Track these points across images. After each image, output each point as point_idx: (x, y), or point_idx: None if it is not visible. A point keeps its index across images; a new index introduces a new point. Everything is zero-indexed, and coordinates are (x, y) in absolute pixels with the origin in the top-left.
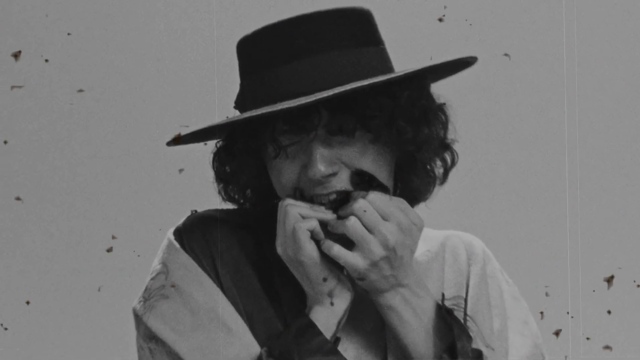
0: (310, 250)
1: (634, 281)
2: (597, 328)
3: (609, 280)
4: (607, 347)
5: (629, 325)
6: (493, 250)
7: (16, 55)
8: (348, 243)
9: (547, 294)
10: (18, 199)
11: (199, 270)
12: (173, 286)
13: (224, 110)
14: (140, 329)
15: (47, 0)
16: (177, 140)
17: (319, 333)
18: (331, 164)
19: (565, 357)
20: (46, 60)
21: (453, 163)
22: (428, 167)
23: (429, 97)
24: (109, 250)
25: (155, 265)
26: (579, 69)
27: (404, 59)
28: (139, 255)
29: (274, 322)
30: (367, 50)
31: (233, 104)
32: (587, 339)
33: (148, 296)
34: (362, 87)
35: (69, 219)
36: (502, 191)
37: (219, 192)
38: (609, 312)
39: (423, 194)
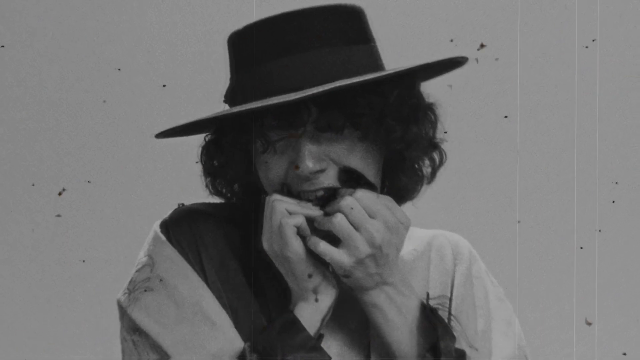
0: (296, 246)
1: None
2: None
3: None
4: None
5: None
6: (479, 251)
7: None
8: (334, 240)
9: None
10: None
11: (185, 263)
12: (160, 280)
13: (214, 104)
14: (124, 320)
15: None
16: (167, 133)
17: (303, 329)
18: (319, 160)
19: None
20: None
21: (441, 162)
22: (416, 166)
23: (419, 96)
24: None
25: (141, 257)
26: (569, 70)
27: (395, 57)
28: (126, 247)
29: (258, 317)
30: (358, 47)
31: (223, 98)
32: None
33: (133, 288)
34: (351, 85)
35: (55, 209)
36: (490, 191)
37: (207, 186)
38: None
39: (410, 192)
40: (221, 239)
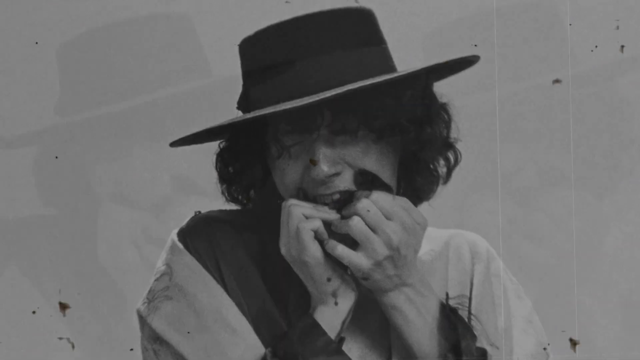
0: (314, 250)
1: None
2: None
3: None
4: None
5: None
6: (496, 249)
7: None
8: (352, 243)
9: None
10: None
11: (203, 271)
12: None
13: (228, 111)
14: (144, 330)
15: (48, 0)
16: (181, 141)
17: (324, 333)
18: (334, 163)
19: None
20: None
21: (456, 162)
22: (431, 166)
23: (432, 96)
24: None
25: (159, 266)
26: (582, 68)
27: (406, 58)
28: (144, 257)
29: (278, 323)
30: (370, 50)
31: (236, 105)
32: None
33: (152, 297)
34: (364, 87)
35: (72, 221)
36: (505, 190)
37: (223, 193)
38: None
39: (426, 193)
40: (239, 246)
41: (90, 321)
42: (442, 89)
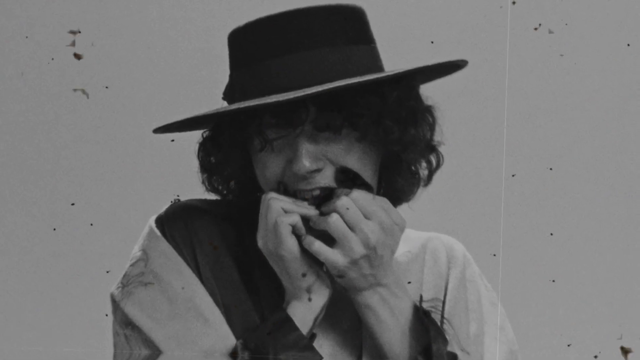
0: (290, 244)
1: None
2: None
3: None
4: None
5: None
6: (474, 255)
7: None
8: (329, 240)
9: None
10: None
11: (179, 259)
12: (152, 275)
13: (213, 101)
14: (117, 314)
15: None
16: (164, 128)
17: (295, 328)
18: (316, 160)
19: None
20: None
21: (438, 165)
22: (413, 168)
23: (418, 98)
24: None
25: (136, 252)
26: (568, 75)
27: (395, 58)
28: (121, 242)
29: (251, 315)
30: (358, 48)
31: (222, 95)
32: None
33: (126, 282)
34: (350, 85)
35: (51, 202)
36: (486, 195)
37: (203, 182)
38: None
39: (407, 194)
40: (216, 236)
41: None
42: (429, 91)
